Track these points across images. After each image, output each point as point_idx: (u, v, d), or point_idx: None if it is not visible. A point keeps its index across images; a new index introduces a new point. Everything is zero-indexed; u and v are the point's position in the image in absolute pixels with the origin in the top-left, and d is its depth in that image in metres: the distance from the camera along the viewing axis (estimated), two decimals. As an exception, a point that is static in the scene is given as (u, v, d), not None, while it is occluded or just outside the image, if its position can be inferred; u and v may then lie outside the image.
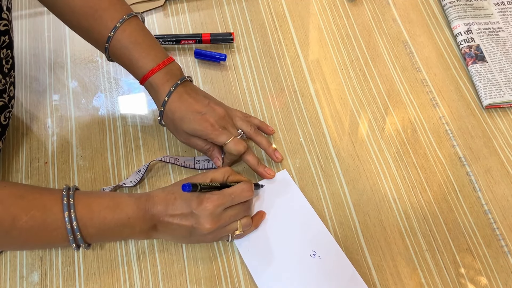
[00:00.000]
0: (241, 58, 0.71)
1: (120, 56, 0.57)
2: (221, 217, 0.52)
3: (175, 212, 0.51)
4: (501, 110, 0.67)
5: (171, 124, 0.58)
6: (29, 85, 0.69)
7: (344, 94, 0.68)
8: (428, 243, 0.57)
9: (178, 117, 0.56)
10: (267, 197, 0.59)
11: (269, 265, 0.55)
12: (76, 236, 0.48)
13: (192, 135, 0.57)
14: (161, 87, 0.56)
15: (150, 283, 0.55)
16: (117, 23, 0.56)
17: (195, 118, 0.56)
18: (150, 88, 0.58)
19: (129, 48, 0.56)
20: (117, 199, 0.51)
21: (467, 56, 0.70)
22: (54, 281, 0.55)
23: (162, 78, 0.56)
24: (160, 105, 0.57)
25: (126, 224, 0.50)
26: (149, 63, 0.56)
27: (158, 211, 0.51)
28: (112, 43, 0.56)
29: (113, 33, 0.56)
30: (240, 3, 0.76)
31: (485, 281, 0.55)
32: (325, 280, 0.54)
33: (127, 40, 0.56)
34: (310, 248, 0.56)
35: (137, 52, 0.56)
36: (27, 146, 0.64)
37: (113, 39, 0.56)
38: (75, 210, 0.47)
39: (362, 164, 0.62)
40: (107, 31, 0.56)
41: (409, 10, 0.76)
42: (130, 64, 0.57)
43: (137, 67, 0.57)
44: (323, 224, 0.57)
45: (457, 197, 0.60)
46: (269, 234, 0.57)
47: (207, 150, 0.59)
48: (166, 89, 0.56)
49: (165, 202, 0.51)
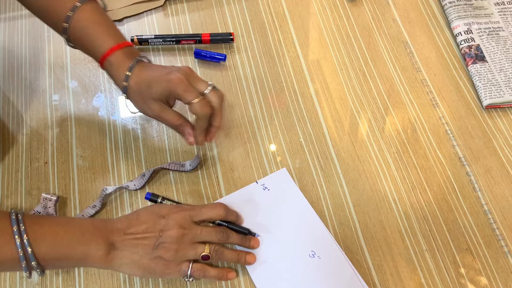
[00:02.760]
0: (241, 58, 0.71)
1: (80, 37, 0.55)
2: (191, 227, 0.51)
3: (140, 227, 0.50)
4: (501, 110, 0.66)
5: (139, 97, 0.55)
6: (29, 85, 0.69)
7: (344, 94, 0.68)
8: (428, 243, 0.57)
9: (145, 85, 0.54)
10: (266, 195, 0.59)
11: (267, 264, 0.55)
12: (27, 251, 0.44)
13: (164, 101, 0.54)
14: (122, 64, 0.54)
15: (150, 283, 0.55)
16: (77, 2, 0.54)
17: (162, 77, 0.53)
18: (110, 67, 0.55)
19: (89, 27, 0.55)
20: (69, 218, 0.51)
21: (467, 56, 0.70)
22: (54, 281, 0.55)
23: (122, 56, 0.54)
24: (122, 80, 0.54)
25: (80, 240, 0.47)
26: (109, 41, 0.55)
27: (117, 228, 0.49)
28: (72, 24, 0.54)
29: (73, 12, 0.54)
30: (240, 3, 0.76)
31: (485, 281, 0.55)
32: (324, 281, 0.54)
33: (87, 20, 0.54)
34: (310, 248, 0.56)
35: (97, 31, 0.55)
36: (27, 146, 0.64)
37: (73, 19, 0.54)
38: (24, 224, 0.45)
39: (362, 164, 0.62)
40: (66, 10, 0.54)
41: (409, 10, 0.76)
42: (90, 43, 0.55)
43: (97, 46, 0.55)
44: (323, 223, 0.57)
45: (457, 197, 0.60)
46: (268, 233, 0.57)
47: (179, 126, 0.56)
48: (127, 65, 0.54)
49: (126, 220, 0.50)
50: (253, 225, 0.57)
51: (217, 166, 0.62)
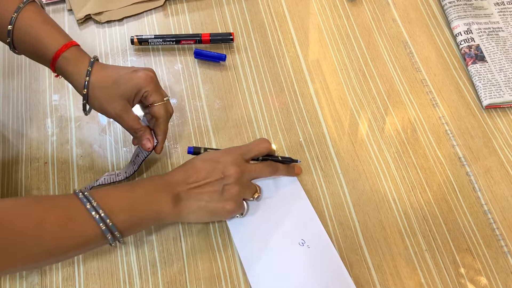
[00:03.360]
0: (241, 58, 0.71)
1: (26, 37, 0.53)
2: (246, 165, 0.54)
3: (200, 174, 0.52)
4: (501, 110, 0.67)
5: (103, 94, 0.53)
6: (29, 85, 0.68)
7: (344, 94, 0.68)
8: (428, 243, 0.57)
9: (112, 81, 0.52)
10: (263, 181, 0.60)
11: (257, 248, 0.56)
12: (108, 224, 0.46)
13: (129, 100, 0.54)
14: (79, 59, 0.53)
15: (150, 283, 0.55)
16: (20, 3, 0.52)
17: (131, 74, 0.53)
18: (67, 63, 0.53)
19: (36, 27, 0.52)
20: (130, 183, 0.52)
21: (467, 56, 0.70)
22: (54, 281, 0.55)
23: (77, 52, 0.53)
24: (82, 78, 0.52)
25: (149, 200, 0.49)
26: (61, 38, 0.53)
27: (177, 180, 0.51)
28: (16, 25, 0.52)
29: (17, 14, 0.52)
30: (240, 3, 0.76)
31: (485, 281, 0.55)
32: (311, 269, 0.54)
33: (32, 20, 0.52)
34: (300, 236, 0.56)
35: (46, 30, 0.53)
36: (26, 146, 0.64)
37: (18, 20, 0.52)
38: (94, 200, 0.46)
39: (362, 164, 0.62)
40: (9, 13, 0.52)
41: (409, 10, 0.76)
42: (38, 43, 0.53)
43: (48, 44, 0.52)
44: (315, 213, 0.58)
45: (457, 197, 0.60)
46: (261, 218, 0.57)
47: (138, 130, 0.55)
48: (86, 61, 0.53)
49: (183, 171, 0.52)
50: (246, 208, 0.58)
51: (217, 166, 0.62)
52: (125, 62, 0.70)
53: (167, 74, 0.70)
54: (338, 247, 0.57)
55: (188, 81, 0.69)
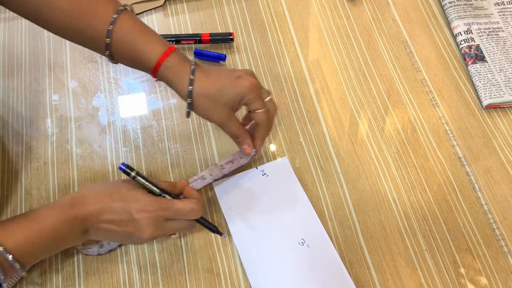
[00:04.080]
0: (241, 58, 0.71)
1: (125, 49, 0.52)
2: (163, 227, 0.50)
3: (112, 217, 0.48)
4: (501, 110, 0.67)
5: (207, 102, 0.52)
6: (29, 85, 0.68)
7: (344, 94, 0.68)
8: (428, 243, 0.57)
9: (216, 90, 0.52)
10: (264, 181, 0.60)
11: (257, 248, 0.56)
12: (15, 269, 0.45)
13: (233, 108, 0.53)
14: (181, 67, 0.52)
15: (150, 283, 0.55)
16: (113, 14, 0.51)
17: (234, 82, 0.52)
18: (168, 72, 0.52)
19: (133, 37, 0.51)
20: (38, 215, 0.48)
21: (467, 56, 0.70)
22: (54, 281, 0.55)
23: (177, 59, 0.52)
24: (185, 86, 0.51)
25: (55, 238, 0.47)
26: (160, 46, 0.52)
27: (90, 214, 0.48)
28: (114, 37, 0.51)
29: (112, 26, 0.51)
30: (240, 3, 0.76)
31: (485, 281, 0.55)
32: (311, 269, 0.55)
33: (129, 30, 0.51)
34: (300, 235, 0.56)
35: (144, 39, 0.52)
36: (26, 146, 0.64)
37: (114, 32, 0.51)
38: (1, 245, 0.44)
39: (362, 164, 0.62)
40: (105, 25, 0.51)
41: (409, 10, 0.76)
42: (138, 53, 0.52)
43: (147, 53, 0.52)
44: (315, 213, 0.58)
45: (457, 197, 0.60)
46: (262, 218, 0.58)
47: (240, 135, 0.55)
48: (187, 68, 0.52)
49: (99, 202, 0.49)
50: (247, 208, 0.58)
51: (217, 166, 0.62)
52: (125, 62, 0.70)
53: (167, 74, 0.70)
54: (338, 247, 0.57)
55: (188, 81, 0.69)
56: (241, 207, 0.59)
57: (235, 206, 0.59)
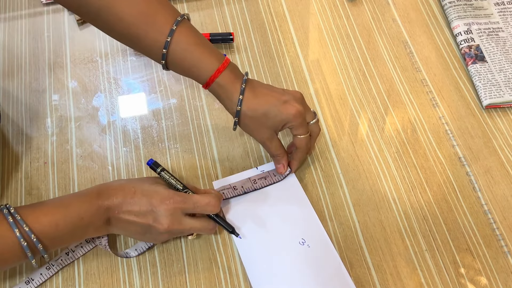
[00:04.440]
0: (241, 58, 0.71)
1: (180, 61, 0.53)
2: (180, 222, 0.52)
3: (133, 208, 0.50)
4: (501, 110, 0.67)
5: (253, 123, 0.54)
6: (29, 85, 0.69)
7: (344, 94, 0.68)
8: (428, 243, 0.57)
9: (262, 113, 0.53)
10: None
11: (257, 247, 0.56)
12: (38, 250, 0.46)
13: (276, 130, 0.55)
14: (231, 86, 0.53)
15: (150, 283, 0.55)
16: (172, 26, 0.51)
17: (281, 108, 0.53)
18: (219, 89, 0.54)
19: (189, 50, 0.52)
20: (65, 201, 0.50)
21: (467, 56, 0.70)
22: (54, 281, 0.55)
23: (229, 76, 0.53)
24: (234, 105, 0.53)
25: (80, 225, 0.49)
26: (214, 62, 0.53)
27: (113, 204, 0.50)
28: (171, 48, 0.52)
29: (171, 37, 0.51)
30: (240, 3, 0.76)
31: (485, 281, 0.55)
32: (311, 269, 0.55)
33: (185, 42, 0.52)
34: (300, 235, 0.56)
35: (199, 53, 0.52)
36: (26, 146, 0.64)
37: (172, 44, 0.52)
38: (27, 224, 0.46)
39: (362, 164, 0.62)
40: (163, 36, 0.51)
41: (409, 10, 0.76)
42: (193, 67, 0.53)
43: (202, 68, 0.53)
44: (315, 213, 0.58)
45: (457, 197, 0.60)
46: (262, 218, 0.58)
47: (278, 155, 0.58)
48: (237, 86, 0.53)
49: (122, 194, 0.50)
50: (246, 208, 0.58)
51: (217, 167, 0.62)
52: (125, 62, 0.70)
53: (167, 74, 0.70)
54: (338, 247, 0.57)
55: (188, 81, 0.69)
56: (241, 207, 0.59)
57: (235, 206, 0.59)
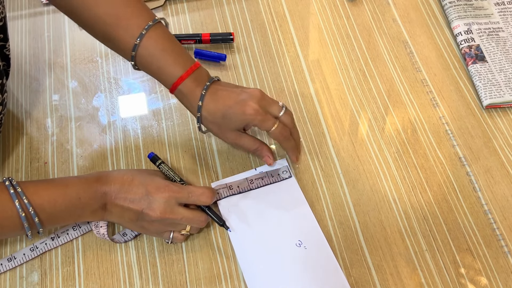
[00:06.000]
0: (241, 58, 0.71)
1: (148, 65, 0.55)
2: (173, 210, 0.53)
3: (128, 195, 0.52)
4: (501, 110, 0.66)
5: (215, 127, 0.56)
6: (29, 85, 0.69)
7: (344, 94, 0.68)
8: (428, 243, 0.57)
9: (220, 117, 0.54)
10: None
11: (254, 249, 0.56)
12: (34, 222, 0.48)
13: (240, 130, 0.56)
14: (192, 93, 0.54)
15: (150, 283, 0.55)
16: (143, 30, 0.53)
17: (237, 109, 0.53)
18: (181, 96, 0.55)
19: (156, 55, 0.54)
20: (65, 181, 0.52)
21: (467, 56, 0.70)
22: (54, 281, 0.55)
23: (192, 83, 0.54)
24: (195, 111, 0.55)
25: (77, 205, 0.50)
26: (178, 70, 0.54)
27: (111, 190, 0.52)
28: (138, 51, 0.53)
29: (139, 40, 0.53)
30: (240, 3, 0.76)
31: (485, 281, 0.55)
32: (306, 270, 0.54)
33: (153, 47, 0.54)
34: (297, 237, 0.56)
35: (165, 59, 0.54)
36: (26, 146, 0.64)
37: (140, 47, 0.53)
38: (26, 197, 0.48)
39: (362, 164, 0.62)
40: (132, 39, 0.53)
41: (409, 10, 0.76)
42: (158, 72, 0.55)
43: (166, 75, 0.55)
44: (313, 215, 0.58)
45: (457, 197, 0.60)
46: (259, 219, 0.58)
47: (256, 150, 0.58)
48: (198, 93, 0.54)
49: (120, 181, 0.52)
50: (244, 208, 0.58)
51: (217, 166, 0.62)
52: (125, 62, 0.70)
53: (167, 74, 0.70)
54: (338, 247, 0.57)
55: (188, 81, 0.69)
56: (239, 208, 0.58)
57: (233, 207, 0.59)
